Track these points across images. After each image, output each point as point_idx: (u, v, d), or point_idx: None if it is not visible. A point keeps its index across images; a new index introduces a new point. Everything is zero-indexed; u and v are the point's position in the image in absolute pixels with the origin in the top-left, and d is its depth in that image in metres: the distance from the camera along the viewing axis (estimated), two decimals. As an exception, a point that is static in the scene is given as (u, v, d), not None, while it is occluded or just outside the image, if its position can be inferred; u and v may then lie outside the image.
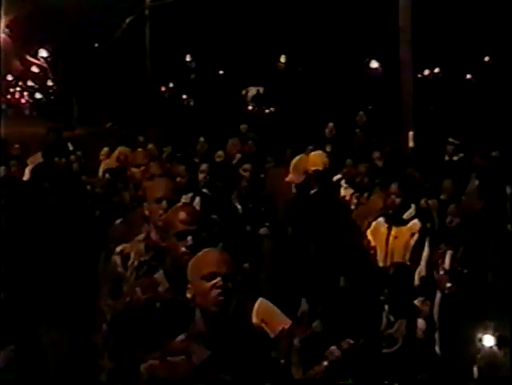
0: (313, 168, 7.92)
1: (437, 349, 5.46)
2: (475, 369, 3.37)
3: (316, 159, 7.42)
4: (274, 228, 6.77)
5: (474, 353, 3.21)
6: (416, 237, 6.03)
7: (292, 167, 7.88)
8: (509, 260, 4.98)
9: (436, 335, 5.40)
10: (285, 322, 3.59)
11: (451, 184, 7.03)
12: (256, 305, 3.90)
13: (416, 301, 5.37)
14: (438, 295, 5.52)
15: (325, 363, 4.03)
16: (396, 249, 6.03)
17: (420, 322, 5.26)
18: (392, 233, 6.11)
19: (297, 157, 8.29)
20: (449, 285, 5.33)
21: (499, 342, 2.14)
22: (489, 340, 2.78)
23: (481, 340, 2.90)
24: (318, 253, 5.48)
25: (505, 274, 4.93)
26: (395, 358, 4.44)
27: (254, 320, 3.87)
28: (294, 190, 7.57)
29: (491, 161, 8.96)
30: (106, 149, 9.70)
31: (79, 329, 5.21)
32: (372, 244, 6.14)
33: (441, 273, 5.41)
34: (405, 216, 6.11)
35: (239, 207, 7.19)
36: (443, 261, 5.44)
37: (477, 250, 5.22)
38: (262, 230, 6.78)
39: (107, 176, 7.46)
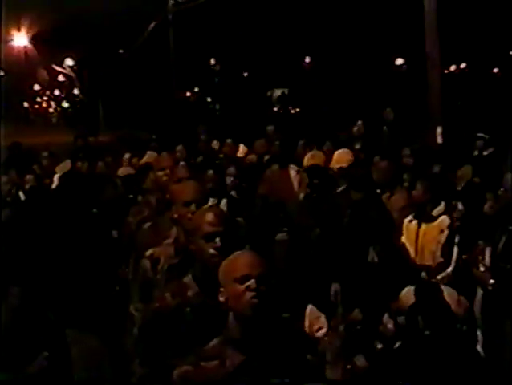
0: (337, 166, 7.84)
1: (480, 348, 5.32)
2: None
3: (340, 157, 7.32)
4: (294, 232, 6.40)
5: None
6: (445, 233, 5.97)
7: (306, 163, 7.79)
8: None
9: (479, 334, 5.25)
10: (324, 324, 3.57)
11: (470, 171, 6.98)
12: (307, 311, 3.90)
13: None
14: (479, 292, 5.39)
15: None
16: (425, 246, 5.99)
17: None
18: (422, 229, 6.07)
19: (308, 154, 8.20)
20: (491, 281, 5.21)
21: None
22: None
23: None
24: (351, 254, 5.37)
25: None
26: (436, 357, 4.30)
27: (306, 325, 3.86)
28: (306, 190, 7.36)
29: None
30: (127, 156, 9.66)
31: (109, 334, 5.18)
32: (403, 241, 6.10)
33: (482, 269, 5.29)
34: (434, 212, 6.07)
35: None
36: (483, 258, 5.31)
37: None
38: (280, 236, 6.36)
39: (119, 184, 7.45)
